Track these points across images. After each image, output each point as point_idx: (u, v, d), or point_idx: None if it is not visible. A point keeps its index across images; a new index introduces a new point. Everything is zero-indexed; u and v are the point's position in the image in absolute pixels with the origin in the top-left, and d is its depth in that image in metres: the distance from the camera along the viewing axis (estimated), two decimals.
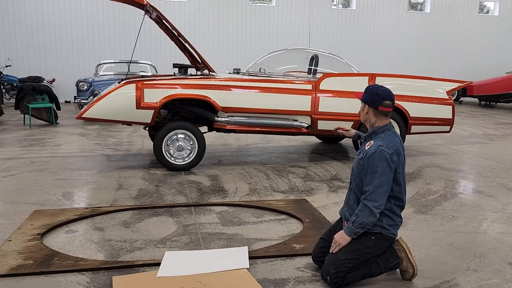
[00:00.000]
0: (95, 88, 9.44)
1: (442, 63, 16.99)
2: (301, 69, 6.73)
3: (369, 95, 2.60)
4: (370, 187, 2.46)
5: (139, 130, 8.37)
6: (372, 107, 2.59)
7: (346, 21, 15.90)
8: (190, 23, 14.36)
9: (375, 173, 2.46)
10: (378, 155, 2.47)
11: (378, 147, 2.49)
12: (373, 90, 2.59)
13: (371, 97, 2.59)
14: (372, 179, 2.46)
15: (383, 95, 2.57)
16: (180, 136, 5.28)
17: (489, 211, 4.05)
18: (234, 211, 3.96)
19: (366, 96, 2.63)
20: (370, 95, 2.59)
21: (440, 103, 6.18)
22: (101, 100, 5.05)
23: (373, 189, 2.45)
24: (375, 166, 2.46)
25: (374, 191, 2.45)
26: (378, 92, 2.58)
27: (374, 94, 2.58)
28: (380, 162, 2.46)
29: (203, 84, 5.26)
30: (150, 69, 11.24)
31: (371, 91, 2.60)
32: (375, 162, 2.46)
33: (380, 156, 2.46)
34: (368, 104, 2.60)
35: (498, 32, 17.47)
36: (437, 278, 2.74)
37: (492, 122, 10.50)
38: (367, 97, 2.61)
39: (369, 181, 2.48)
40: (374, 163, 2.47)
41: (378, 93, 2.57)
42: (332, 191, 4.60)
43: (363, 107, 2.65)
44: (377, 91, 2.58)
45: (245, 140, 7.62)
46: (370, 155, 2.50)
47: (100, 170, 5.35)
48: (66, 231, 3.43)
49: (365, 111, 2.64)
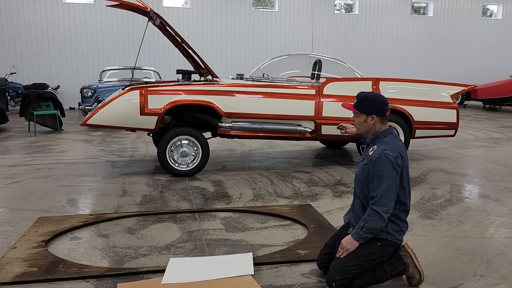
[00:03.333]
0: (99, 94, 9.49)
1: (445, 67, 16.95)
2: (305, 74, 6.72)
3: (373, 105, 2.57)
4: (378, 192, 2.45)
5: (143, 136, 8.39)
6: (380, 116, 2.58)
7: (349, 25, 15.92)
8: (193, 29, 14.42)
9: (382, 178, 2.44)
10: (383, 159, 2.46)
11: (382, 152, 2.48)
12: (372, 99, 2.57)
13: (377, 106, 2.56)
14: (379, 184, 2.45)
15: (384, 100, 2.58)
16: (184, 142, 5.29)
17: (495, 215, 4.02)
18: (239, 217, 3.95)
19: (370, 107, 2.57)
20: (375, 105, 2.56)
21: (445, 107, 6.16)
22: (105, 106, 5.07)
23: (381, 193, 2.43)
24: (381, 170, 2.45)
25: (382, 195, 2.43)
26: (379, 99, 2.57)
27: (376, 102, 2.56)
28: (386, 166, 2.44)
29: (206, 90, 5.27)
30: (154, 75, 11.28)
31: (372, 101, 2.57)
32: (381, 166, 2.45)
33: (385, 160, 2.45)
34: (377, 113, 2.57)
35: (501, 35, 17.43)
36: (443, 284, 2.71)
37: (497, 126, 10.44)
38: (372, 108, 2.57)
39: (376, 186, 2.46)
40: (380, 168, 2.45)
41: (380, 100, 2.57)
42: (337, 196, 4.58)
43: (366, 118, 2.60)
44: (377, 98, 2.58)
45: (249, 145, 7.61)
46: (375, 160, 2.49)
47: (104, 176, 5.36)
48: (70, 238, 3.43)
49: (371, 122, 2.60)
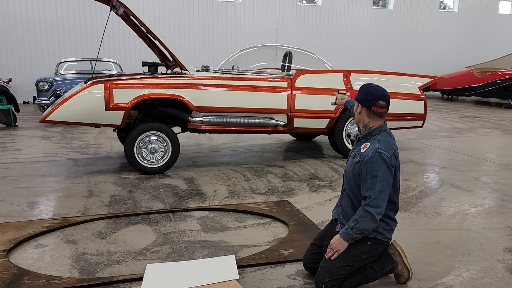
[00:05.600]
0: (56, 88, 8.97)
1: (406, 58, 17.33)
2: (274, 66, 6.60)
3: (363, 94, 2.48)
4: (372, 193, 2.34)
5: (106, 131, 8.01)
6: (365, 107, 2.47)
7: (313, 17, 15.93)
8: (155, 20, 13.94)
9: (376, 178, 2.34)
10: (377, 159, 2.35)
11: (376, 151, 2.38)
12: (367, 89, 2.47)
13: (364, 97, 2.46)
14: (373, 185, 2.34)
15: (377, 95, 2.44)
16: (153, 138, 5.05)
17: (469, 206, 4.08)
18: (215, 216, 3.79)
19: (360, 95, 2.50)
20: (364, 94, 2.47)
21: (413, 98, 6.21)
22: (67, 101, 4.74)
23: (375, 195, 2.33)
24: (375, 170, 2.35)
25: (376, 197, 2.33)
26: (372, 91, 2.45)
27: (368, 93, 2.46)
28: (380, 166, 2.35)
29: (176, 83, 5.03)
30: (115, 67, 10.82)
31: (365, 90, 2.48)
32: (375, 166, 2.35)
33: (379, 160, 2.35)
34: (362, 103, 2.48)
35: (458, 28, 18.00)
36: (430, 280, 2.69)
37: (457, 116, 10.77)
38: (360, 96, 2.49)
39: (370, 187, 2.36)
40: (374, 168, 2.35)
41: (372, 92, 2.45)
42: (313, 191, 4.51)
43: (356, 106, 2.52)
44: (371, 90, 2.46)
45: (217, 139, 7.43)
46: (368, 159, 2.38)
47: (67, 176, 5.03)
48: (34, 246, 3.16)
49: (358, 111, 2.51)
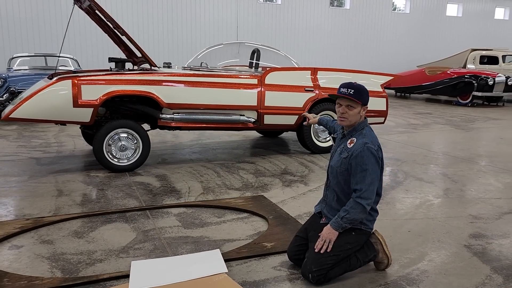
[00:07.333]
0: (11, 84, 8.52)
1: (362, 57, 17.90)
2: (242, 63, 6.65)
3: (364, 94, 2.53)
4: (363, 185, 2.45)
5: (67, 129, 7.74)
6: (366, 105, 2.57)
7: (272, 15, 16.10)
8: (114, 15, 13.54)
9: (365, 171, 2.45)
10: (366, 153, 2.46)
11: (364, 145, 2.49)
12: (362, 88, 2.53)
13: (366, 96, 2.54)
14: (363, 178, 2.45)
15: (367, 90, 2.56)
16: (123, 136, 4.96)
17: (433, 196, 4.33)
18: (193, 212, 3.80)
19: (367, 98, 2.54)
20: (365, 95, 2.53)
21: (375, 95, 6.45)
22: (32, 98, 4.56)
23: (366, 187, 2.44)
24: (365, 164, 2.45)
25: (367, 189, 2.44)
26: (364, 88, 2.55)
27: (365, 92, 2.53)
28: (369, 159, 2.46)
29: (146, 79, 4.97)
30: (72, 63, 10.42)
31: (366, 92, 2.54)
32: (365, 160, 2.46)
33: (368, 153, 2.46)
34: (366, 103, 2.56)
35: (409, 28, 18.82)
36: (407, 266, 2.85)
37: (412, 112, 11.28)
38: (365, 98, 2.54)
39: (359, 180, 2.46)
40: (364, 161, 2.46)
41: (365, 89, 2.55)
42: (286, 186, 4.61)
43: (360, 110, 2.55)
44: (363, 87, 2.54)
45: (184, 136, 7.38)
46: (358, 154, 2.48)
47: (31, 175, 4.84)
48: (9, 247, 3.05)
49: (363, 113, 2.57)
